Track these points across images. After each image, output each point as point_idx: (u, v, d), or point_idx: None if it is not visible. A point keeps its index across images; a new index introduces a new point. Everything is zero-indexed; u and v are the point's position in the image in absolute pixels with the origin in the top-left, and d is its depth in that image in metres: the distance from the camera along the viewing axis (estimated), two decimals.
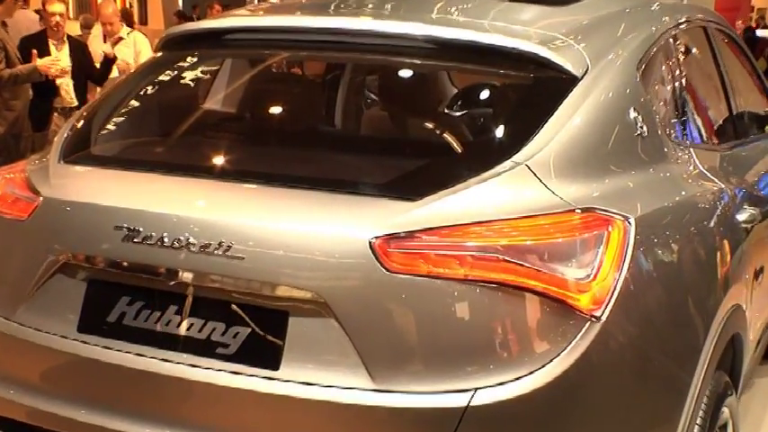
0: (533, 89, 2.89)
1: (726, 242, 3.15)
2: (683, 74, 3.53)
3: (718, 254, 3.07)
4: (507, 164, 2.55)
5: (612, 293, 2.44)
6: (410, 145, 3.10)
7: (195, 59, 3.40)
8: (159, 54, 3.41)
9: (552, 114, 2.67)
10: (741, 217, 3.36)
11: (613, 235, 2.49)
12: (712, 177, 3.30)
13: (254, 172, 2.73)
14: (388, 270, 2.38)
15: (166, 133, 3.33)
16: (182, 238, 2.51)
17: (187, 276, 2.55)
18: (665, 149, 3.06)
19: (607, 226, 2.50)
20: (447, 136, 3.06)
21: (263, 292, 2.50)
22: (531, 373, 2.37)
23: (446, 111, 3.23)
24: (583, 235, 2.46)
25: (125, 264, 2.63)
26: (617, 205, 2.57)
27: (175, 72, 3.36)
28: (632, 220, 2.55)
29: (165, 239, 2.53)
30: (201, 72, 3.39)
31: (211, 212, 2.57)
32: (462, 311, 2.38)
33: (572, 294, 2.40)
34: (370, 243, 2.39)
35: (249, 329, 2.52)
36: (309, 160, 2.84)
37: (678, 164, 3.12)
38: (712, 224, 3.11)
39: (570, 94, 2.74)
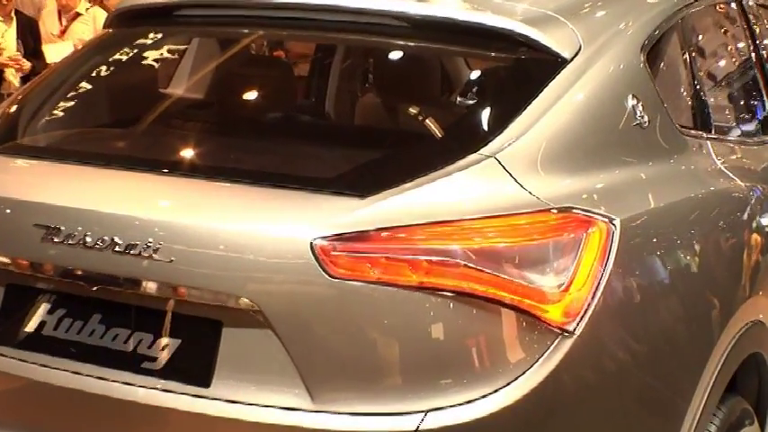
0: (512, 72, 2.81)
1: (745, 249, 3.03)
2: (706, 57, 3.44)
3: (732, 263, 2.94)
4: (474, 156, 2.44)
5: (589, 305, 2.34)
6: (366, 134, 3.04)
7: (145, 39, 3.31)
8: (106, 32, 3.34)
9: (532, 101, 2.57)
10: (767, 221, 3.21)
11: (593, 239, 2.38)
12: (733, 175, 3.16)
13: (190, 164, 2.65)
14: (331, 276, 2.28)
15: (102, 122, 3.24)
16: (106, 237, 2.42)
17: (112, 280, 2.45)
18: (674, 142, 2.94)
19: (586, 228, 2.39)
20: (408, 125, 2.99)
21: (193, 299, 2.40)
22: (490, 394, 2.27)
23: (410, 96, 3.12)
24: (557, 238, 2.36)
25: (45, 266, 2.54)
26: (602, 205, 2.46)
27: (120, 53, 3.27)
28: (617, 223, 2.43)
29: (88, 239, 2.43)
30: (149, 53, 3.29)
31: (139, 209, 2.47)
32: (415, 323, 2.29)
33: (541, 305, 2.29)
34: (311, 245, 2.29)
35: (179, 341, 2.43)
36: (252, 151, 2.76)
37: (690, 159, 2.99)
38: (727, 229, 2.99)
39: (555, 78, 2.64)
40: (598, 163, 2.60)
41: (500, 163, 2.42)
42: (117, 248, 2.40)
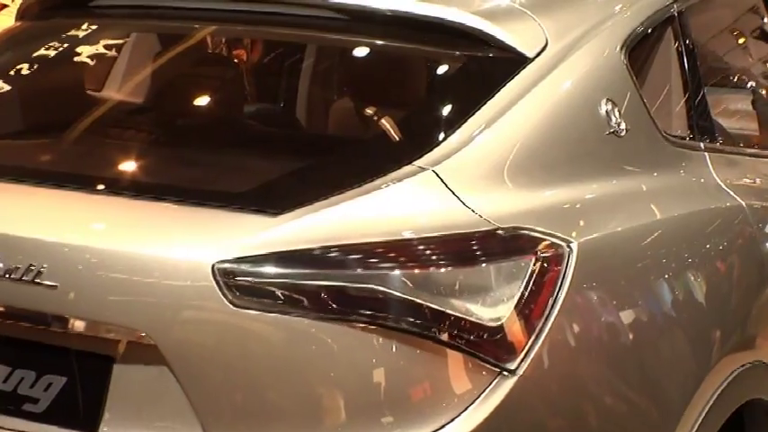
0: (461, 73, 2.69)
1: (740, 279, 2.90)
2: (708, 58, 3.35)
3: (723, 295, 2.80)
4: (408, 169, 2.32)
5: (535, 341, 2.21)
6: (290, 143, 2.90)
7: (58, 33, 3.19)
8: (16, 26, 3.27)
9: (481, 106, 2.45)
10: None
11: (543, 264, 2.26)
12: (733, 192, 3.01)
13: (84, 176, 2.52)
14: (235, 304, 2.16)
15: None
16: None
17: None
18: (660, 154, 2.82)
19: (535, 251, 2.26)
20: (339, 132, 2.91)
21: (81, 331, 2.28)
22: None
23: (343, 100, 3.06)
24: (499, 263, 2.23)
25: None
26: (558, 225, 2.33)
27: (25, 49, 3.17)
28: (574, 246, 2.30)
29: None
30: (60, 49, 3.18)
31: (21, 228, 2.34)
32: (329, 360, 2.17)
33: (476, 340, 2.17)
34: (213, 269, 2.16)
35: (64, 379, 2.31)
36: (154, 162, 2.66)
37: (680, 173, 2.87)
38: (717, 255, 2.85)
39: (513, 80, 2.53)
40: (559, 177, 2.48)
41: (438, 176, 2.30)
42: None
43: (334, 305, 2.15)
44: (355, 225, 2.22)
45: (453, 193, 2.27)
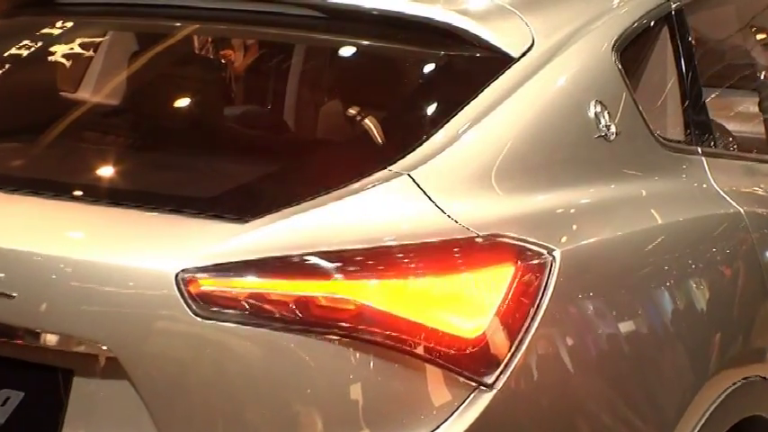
0: (441, 74, 2.67)
1: (737, 291, 2.83)
2: (710, 58, 3.34)
3: (718, 307, 2.73)
4: (382, 173, 2.28)
5: (515, 353, 2.16)
6: (259, 146, 2.85)
7: (18, 31, 3.19)
8: None
9: (462, 108, 2.41)
10: None
11: (524, 273, 2.21)
12: (733, 200, 2.95)
13: (42, 181, 2.46)
14: (199, 315, 2.11)
15: None
16: None
17: None
18: (653, 158, 2.77)
19: (515, 260, 2.21)
20: (312, 135, 2.89)
21: (40, 343, 2.23)
22: None
23: (318, 101, 3.02)
24: (477, 271, 2.19)
25: None
26: (540, 232, 2.28)
27: None
28: (557, 254, 2.25)
29: None
30: (22, 48, 3.15)
31: None
32: (299, 374, 2.12)
33: (451, 352, 2.12)
34: (176, 278, 2.12)
35: (22, 394, 2.26)
36: (121, 166, 2.61)
37: (675, 178, 2.82)
38: (715, 265, 2.80)
39: (496, 80, 2.48)
40: (543, 182, 2.43)
41: (414, 180, 2.26)
42: None
43: (303, 316, 2.10)
44: (327, 232, 2.18)
45: (430, 199, 2.23)
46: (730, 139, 3.38)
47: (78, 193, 2.38)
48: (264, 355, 2.12)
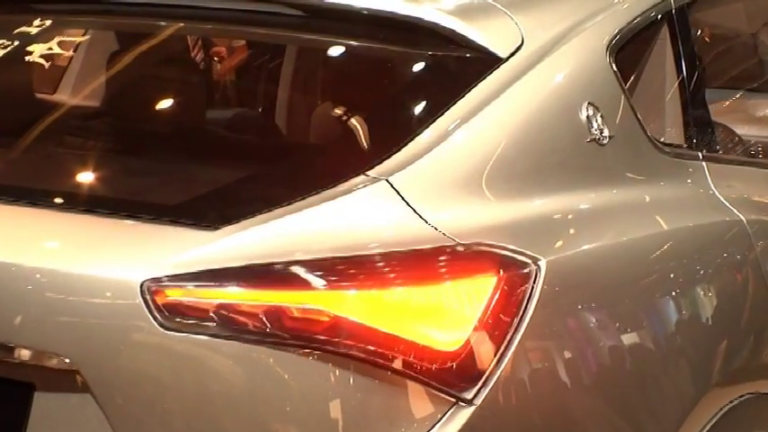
0: (424, 75, 2.65)
1: (736, 304, 2.79)
2: (712, 58, 3.33)
3: (716, 321, 2.69)
4: (360, 179, 2.24)
5: (495, 368, 2.13)
6: (231, 150, 2.83)
7: None
8: None
9: (444, 110, 2.38)
10: None
11: (507, 284, 2.17)
12: (734, 208, 2.91)
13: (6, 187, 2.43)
14: (165, 327, 2.08)
15: None
16: None
17: None
18: (649, 163, 2.74)
19: (498, 270, 2.17)
20: (288, 138, 2.86)
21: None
22: None
23: (294, 103, 3.00)
24: (457, 281, 2.15)
25: None
26: (526, 241, 2.25)
27: None
28: (543, 264, 2.21)
29: None
30: None
31: None
32: (269, 389, 2.09)
33: (429, 366, 2.09)
34: (142, 287, 2.08)
35: None
36: (85, 171, 2.60)
37: (673, 185, 2.79)
38: (713, 276, 2.76)
39: (483, 82, 2.46)
40: (530, 188, 2.40)
41: (393, 186, 2.22)
42: None
43: (275, 328, 2.07)
44: (300, 240, 2.15)
45: (409, 206, 2.20)
46: (739, 143, 3.36)
47: (40, 198, 2.34)
48: (235, 370, 2.09)
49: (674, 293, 2.59)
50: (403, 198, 2.20)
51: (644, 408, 2.44)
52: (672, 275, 2.61)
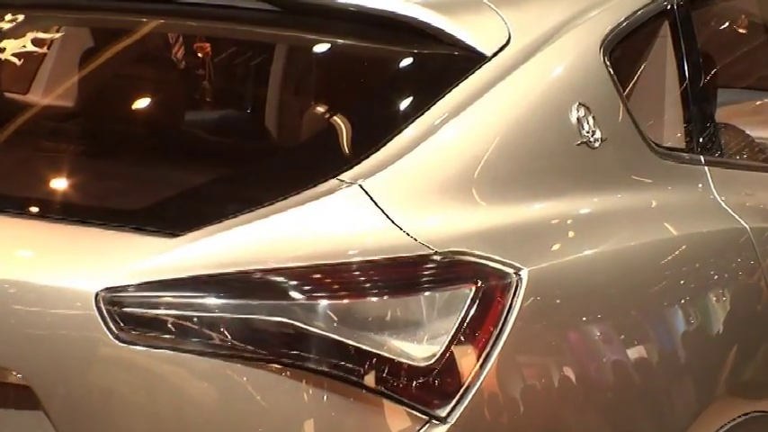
0: (401, 73, 2.61)
1: (736, 317, 2.73)
2: (716, 57, 3.28)
3: (714, 334, 2.65)
4: (331, 183, 2.19)
5: (471, 384, 2.08)
6: (195, 152, 2.79)
7: None
8: None
9: (423, 111, 2.33)
10: None
11: (485, 294, 2.11)
12: (737, 214, 2.85)
13: None
14: (121, 339, 2.03)
15: None
16: None
17: None
18: (644, 167, 2.69)
19: (476, 280, 2.11)
20: (256, 140, 2.81)
21: None
22: None
23: (263, 103, 2.95)
24: (432, 292, 2.10)
25: None
26: (506, 250, 2.19)
27: None
28: (524, 274, 2.16)
29: None
30: None
31: None
32: (233, 406, 2.04)
33: (401, 382, 2.04)
34: (97, 297, 2.04)
35: None
36: (38, 175, 2.53)
37: (671, 190, 2.74)
38: (712, 287, 2.69)
39: (463, 81, 2.41)
40: (515, 194, 2.35)
41: (365, 191, 2.17)
42: None
43: (236, 341, 2.02)
44: (266, 248, 2.10)
45: (383, 212, 2.15)
46: (748, 146, 3.31)
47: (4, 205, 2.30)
48: (196, 386, 2.05)
49: (666, 307, 2.55)
50: (376, 203, 2.16)
51: (631, 429, 2.40)
52: (666, 288, 2.57)
